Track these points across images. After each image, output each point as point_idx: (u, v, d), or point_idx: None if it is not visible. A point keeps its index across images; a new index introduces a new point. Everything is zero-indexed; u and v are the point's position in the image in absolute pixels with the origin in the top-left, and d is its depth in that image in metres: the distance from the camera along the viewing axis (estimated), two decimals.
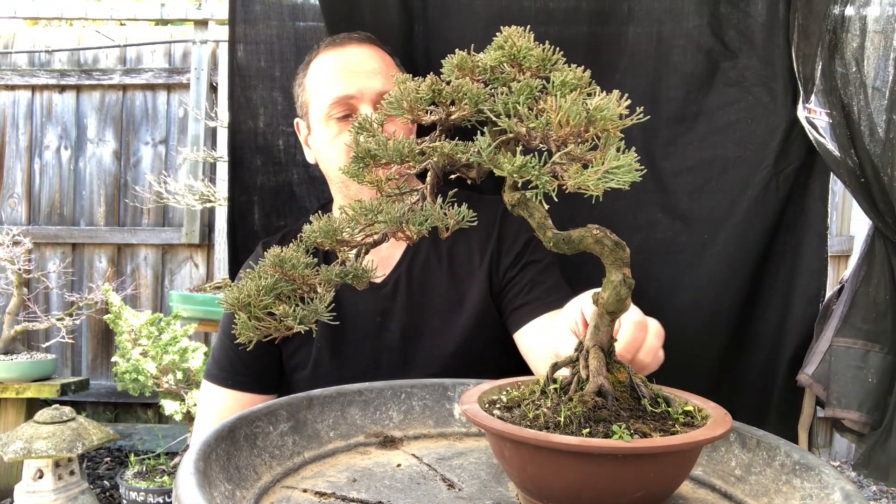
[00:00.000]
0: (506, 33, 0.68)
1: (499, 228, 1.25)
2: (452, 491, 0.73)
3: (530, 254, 1.23)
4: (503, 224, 1.25)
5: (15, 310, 3.00)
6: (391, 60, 1.26)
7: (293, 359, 1.26)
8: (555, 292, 1.19)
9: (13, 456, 2.28)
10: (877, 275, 1.33)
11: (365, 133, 0.66)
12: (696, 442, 0.60)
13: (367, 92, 1.17)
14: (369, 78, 1.19)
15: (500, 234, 1.24)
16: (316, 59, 1.25)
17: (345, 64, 1.20)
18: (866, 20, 1.24)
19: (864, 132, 1.24)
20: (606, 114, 0.56)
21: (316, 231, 0.63)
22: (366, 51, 1.23)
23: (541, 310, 1.17)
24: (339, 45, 1.23)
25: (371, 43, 1.25)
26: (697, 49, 1.37)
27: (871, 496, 3.27)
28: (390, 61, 1.25)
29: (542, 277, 1.21)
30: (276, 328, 0.58)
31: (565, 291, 1.20)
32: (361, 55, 1.22)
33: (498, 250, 1.24)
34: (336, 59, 1.22)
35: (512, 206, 0.65)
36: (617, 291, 0.65)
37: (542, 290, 1.19)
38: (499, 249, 1.24)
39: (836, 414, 1.31)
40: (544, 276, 1.22)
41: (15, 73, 3.88)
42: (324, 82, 1.21)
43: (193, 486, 0.58)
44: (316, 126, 1.23)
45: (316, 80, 1.23)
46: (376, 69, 1.20)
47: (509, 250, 1.23)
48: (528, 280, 1.21)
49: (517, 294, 1.20)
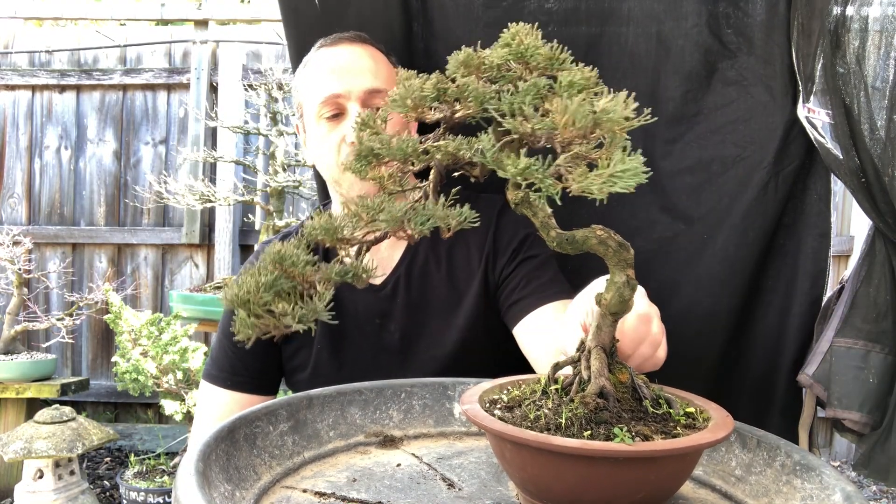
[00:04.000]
0: (513, 30, 0.67)
1: (495, 227, 1.25)
2: (452, 491, 0.73)
3: (527, 250, 1.23)
4: (499, 222, 1.25)
5: (15, 310, 3.00)
6: (384, 58, 1.25)
7: (293, 360, 1.26)
8: (552, 286, 1.18)
9: (13, 456, 2.28)
10: (877, 275, 1.33)
11: (368, 130, 0.66)
12: (697, 445, 0.60)
13: (355, 90, 1.17)
14: (357, 76, 1.18)
15: (496, 233, 1.24)
16: (309, 60, 1.25)
17: (334, 63, 1.20)
18: (866, 20, 1.24)
19: (864, 132, 1.24)
20: (613, 116, 0.56)
21: (316, 228, 0.62)
22: (356, 49, 1.23)
23: (537, 303, 1.16)
24: (330, 45, 1.23)
25: (362, 41, 1.25)
26: (696, 48, 1.37)
27: (871, 496, 3.27)
28: (383, 59, 1.24)
29: (539, 272, 1.21)
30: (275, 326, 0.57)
31: (563, 285, 1.19)
32: (350, 53, 1.22)
33: (494, 249, 1.23)
34: (325, 59, 1.22)
35: (515, 204, 0.65)
36: (620, 293, 0.65)
37: (538, 284, 1.19)
38: (495, 248, 1.23)
39: (837, 414, 1.31)
40: (541, 270, 1.21)
41: (15, 73, 3.88)
42: (313, 82, 1.21)
43: (193, 487, 0.58)
44: (309, 126, 1.24)
45: (307, 81, 1.23)
46: (365, 67, 1.20)
47: (506, 248, 1.23)
48: (524, 275, 1.20)
49: (514, 289, 1.20)
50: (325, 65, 1.21)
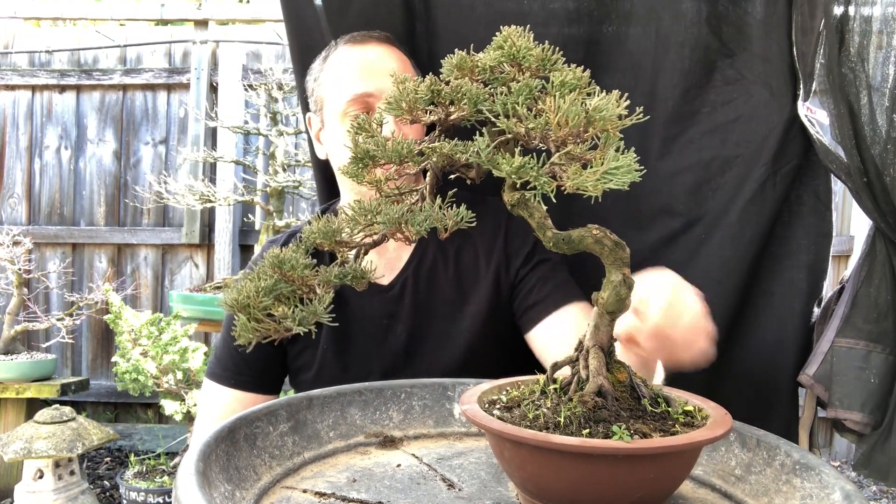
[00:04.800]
0: (505, 33, 0.67)
1: (505, 231, 1.24)
2: (452, 491, 0.73)
3: (541, 252, 1.23)
4: (509, 226, 1.25)
5: (15, 310, 3.00)
6: (409, 63, 1.26)
7: (298, 360, 1.26)
8: (567, 287, 1.19)
9: (13, 456, 2.28)
10: (878, 275, 1.33)
11: (364, 134, 0.66)
12: (696, 442, 0.60)
13: (386, 91, 1.17)
14: (387, 78, 1.18)
15: (507, 237, 1.24)
16: (334, 54, 1.24)
17: (364, 61, 1.20)
18: (867, 19, 1.24)
19: (865, 132, 1.24)
20: (605, 114, 0.56)
21: (315, 232, 0.63)
22: (385, 50, 1.23)
23: (553, 307, 1.17)
24: (360, 43, 1.23)
25: (390, 43, 1.25)
26: (696, 46, 1.37)
27: (871, 496, 3.27)
28: (408, 63, 1.25)
29: (553, 273, 1.22)
30: (276, 329, 0.57)
31: (575, 289, 1.20)
32: (381, 54, 1.22)
33: (506, 253, 1.23)
34: (356, 56, 1.21)
35: (511, 205, 0.65)
36: (617, 291, 0.65)
37: (553, 286, 1.19)
38: (507, 252, 1.23)
39: (838, 415, 1.31)
40: (555, 272, 1.22)
41: (15, 73, 3.88)
42: (342, 78, 1.20)
43: (193, 487, 0.58)
44: (330, 122, 1.23)
45: (334, 76, 1.22)
46: (395, 68, 1.19)
47: (519, 251, 1.23)
48: (540, 276, 1.21)
49: (530, 291, 1.20)
50: (355, 63, 1.20)
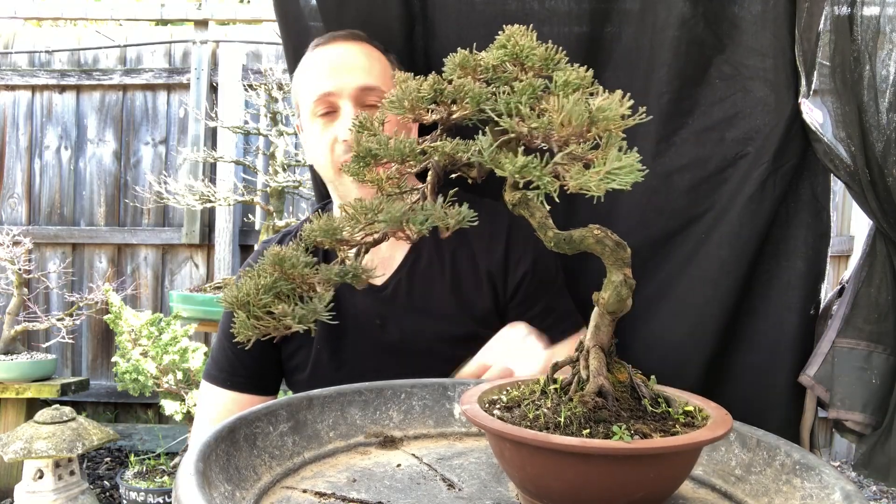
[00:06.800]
0: (508, 32, 0.67)
1: (507, 238, 1.24)
2: (452, 491, 0.73)
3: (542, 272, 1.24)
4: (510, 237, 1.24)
5: (15, 310, 3.00)
6: (380, 55, 1.25)
7: (292, 360, 1.26)
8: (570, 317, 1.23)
9: (13, 456, 2.28)
10: (878, 275, 1.33)
11: (366, 132, 0.66)
12: (696, 443, 0.60)
13: (347, 88, 1.17)
14: (349, 73, 1.18)
15: (508, 245, 1.23)
16: (304, 57, 1.26)
17: (327, 61, 1.21)
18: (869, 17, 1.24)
19: (865, 131, 1.24)
20: (609, 114, 0.56)
21: (315, 230, 0.63)
22: (350, 47, 1.22)
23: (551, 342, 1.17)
24: (325, 44, 1.24)
25: (357, 39, 1.24)
26: (691, 42, 1.36)
27: (871, 496, 3.27)
28: (378, 56, 1.24)
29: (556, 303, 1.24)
30: (275, 327, 0.57)
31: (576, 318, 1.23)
32: (344, 52, 1.22)
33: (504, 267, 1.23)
34: (319, 57, 1.22)
35: (513, 205, 0.65)
36: (618, 291, 0.65)
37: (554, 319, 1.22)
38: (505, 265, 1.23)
39: (839, 415, 1.31)
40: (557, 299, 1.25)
41: (15, 73, 3.88)
42: (308, 81, 1.22)
43: (193, 487, 0.58)
44: (304, 125, 1.25)
45: (302, 80, 1.24)
46: (357, 64, 1.19)
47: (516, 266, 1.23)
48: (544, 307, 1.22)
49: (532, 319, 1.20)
50: (319, 63, 1.21)
